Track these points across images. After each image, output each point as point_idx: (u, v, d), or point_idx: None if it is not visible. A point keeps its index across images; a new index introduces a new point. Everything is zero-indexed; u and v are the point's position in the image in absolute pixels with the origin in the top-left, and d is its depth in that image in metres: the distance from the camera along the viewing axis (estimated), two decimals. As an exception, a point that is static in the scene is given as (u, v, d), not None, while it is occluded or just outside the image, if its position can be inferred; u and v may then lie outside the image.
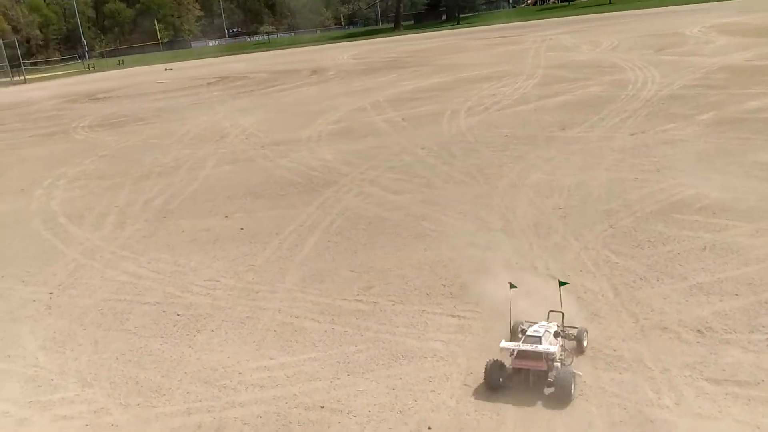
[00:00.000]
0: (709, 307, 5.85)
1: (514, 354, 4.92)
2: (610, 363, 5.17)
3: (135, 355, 6.12)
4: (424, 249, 7.85)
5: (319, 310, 6.60)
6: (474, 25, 76.54)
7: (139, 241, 9.33)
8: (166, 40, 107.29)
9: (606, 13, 65.77)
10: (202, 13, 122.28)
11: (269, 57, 48.89)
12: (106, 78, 47.78)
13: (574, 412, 4.65)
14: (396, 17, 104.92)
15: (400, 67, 29.00)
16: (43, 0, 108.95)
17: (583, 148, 11.60)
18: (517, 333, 5.28)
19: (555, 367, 4.86)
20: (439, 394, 5.04)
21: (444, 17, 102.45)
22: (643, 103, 14.86)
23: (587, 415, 4.60)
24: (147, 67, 55.63)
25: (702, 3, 56.80)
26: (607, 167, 10.29)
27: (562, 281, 5.19)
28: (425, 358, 5.53)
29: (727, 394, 4.68)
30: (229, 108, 22.15)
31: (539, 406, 4.74)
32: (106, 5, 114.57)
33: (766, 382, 4.76)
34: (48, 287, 7.98)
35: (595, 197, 8.96)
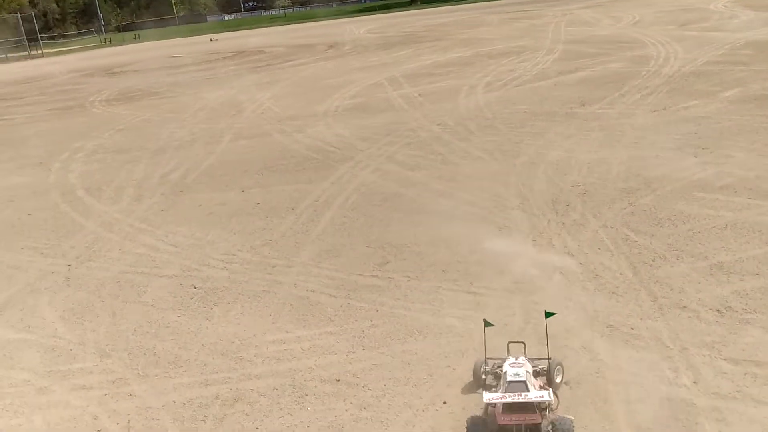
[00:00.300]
0: (730, 286, 5.77)
1: (499, 407, 4.04)
2: (628, 341, 5.13)
3: (152, 327, 6.18)
4: (441, 225, 7.81)
5: (334, 284, 6.61)
6: None
7: (157, 214, 9.38)
8: (181, 14, 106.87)
9: (628, -12, 64.29)
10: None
11: (285, 31, 48.56)
12: (122, 52, 47.81)
13: (590, 389, 4.62)
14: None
15: (418, 42, 28.67)
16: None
17: (603, 124, 11.43)
18: (481, 374, 4.53)
19: (546, 416, 4.06)
20: (454, 369, 5.04)
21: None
22: (665, 79, 14.57)
23: (603, 393, 4.57)
24: (163, 41, 55.54)
25: (727, -23, 55.27)
26: (627, 144, 10.14)
27: (548, 312, 4.56)
28: (441, 334, 5.53)
29: (746, 374, 4.63)
30: (246, 82, 22.07)
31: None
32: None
33: (786, 362, 4.70)
34: (66, 259, 8.06)
35: (615, 175, 8.83)
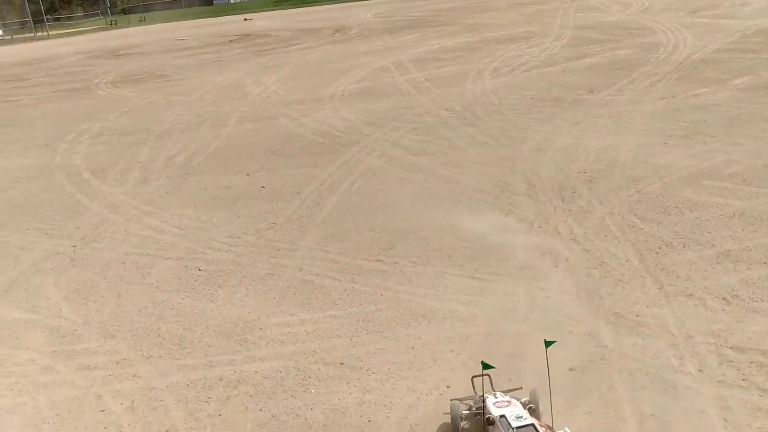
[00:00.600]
0: (737, 275, 5.73)
1: None
2: (633, 328, 5.10)
3: (157, 309, 6.19)
4: (446, 211, 7.78)
5: (339, 268, 6.60)
6: (501, -15, 74.54)
7: (162, 196, 9.37)
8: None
9: (638, -26, 63.67)
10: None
11: (292, 14, 48.28)
12: (128, 34, 47.66)
13: (595, 376, 4.61)
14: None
15: (425, 26, 28.47)
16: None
17: (611, 111, 11.34)
18: (461, 420, 4.07)
19: None
20: (458, 354, 5.03)
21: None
22: (675, 66, 14.43)
23: (608, 380, 4.56)
24: (168, 24, 55.33)
25: (739, -36, 54.63)
26: (636, 131, 10.05)
27: (548, 341, 4.07)
28: (445, 318, 5.51)
29: (751, 363, 4.60)
30: (251, 66, 21.98)
31: (562, 367, 4.70)
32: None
33: (793, 351, 4.67)
34: (72, 240, 8.07)
35: (622, 162, 8.77)
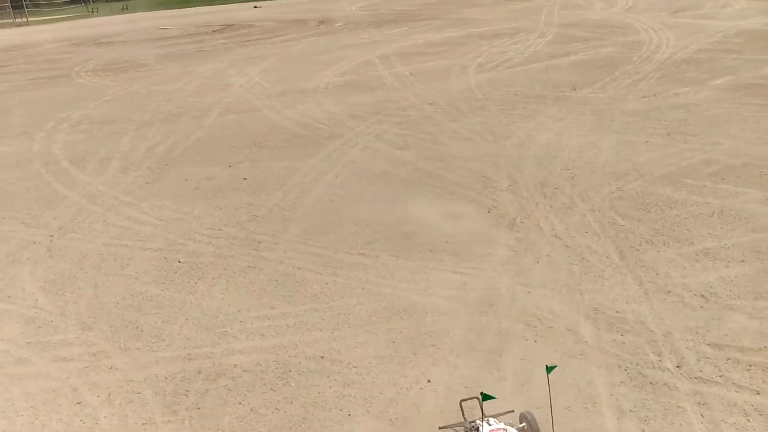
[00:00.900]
0: (715, 272, 5.80)
1: None
2: (613, 324, 5.14)
3: (135, 300, 6.12)
4: (429, 206, 7.77)
5: (321, 262, 6.57)
6: (486, -19, 74.63)
7: (142, 187, 9.26)
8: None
9: (622, -27, 64.08)
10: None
11: (276, 5, 47.95)
12: (110, 22, 46.95)
13: (574, 371, 4.64)
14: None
15: (411, 20, 28.40)
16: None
17: (593, 109, 11.40)
18: None
19: None
20: (439, 348, 5.03)
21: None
22: (657, 65, 14.55)
23: (587, 375, 4.59)
24: (151, 12, 54.65)
25: (722, -35, 55.20)
26: (618, 129, 10.12)
27: (549, 366, 3.77)
28: (426, 313, 5.51)
29: (728, 359, 4.66)
30: (235, 57, 21.78)
31: (541, 363, 4.72)
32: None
33: (768, 348, 4.74)
34: (49, 230, 7.94)
35: (604, 159, 8.82)
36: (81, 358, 5.26)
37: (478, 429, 3.71)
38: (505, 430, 3.70)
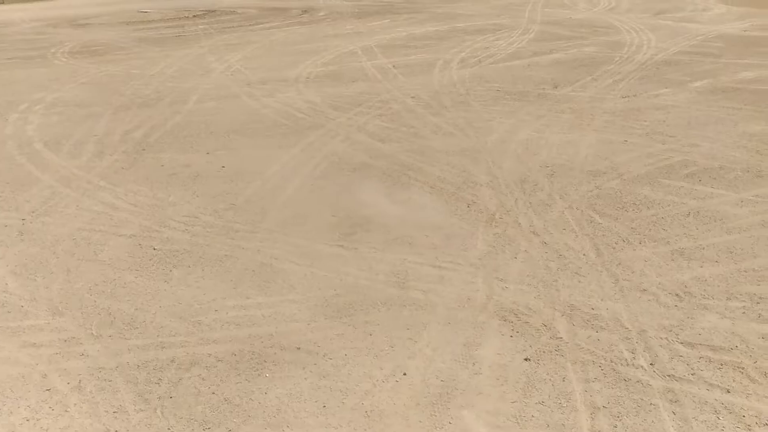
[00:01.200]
0: (689, 272, 5.87)
1: None
2: (588, 321, 5.18)
3: (108, 287, 6.01)
4: (409, 199, 7.76)
5: (299, 252, 6.52)
6: (471, -24, 74.69)
7: (117, 172, 9.10)
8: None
9: (605, -27, 64.54)
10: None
11: (259, -6, 47.36)
12: (88, 4, 46.01)
13: (549, 367, 4.66)
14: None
15: (394, 13, 28.28)
16: None
17: (574, 107, 11.47)
18: None
19: None
20: (415, 342, 5.03)
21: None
22: (638, 66, 14.68)
23: (562, 371, 4.62)
24: (132, -5, 53.60)
25: (702, -30, 55.83)
26: (597, 128, 10.20)
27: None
28: (404, 306, 5.50)
29: (700, 358, 4.72)
30: (216, 43, 21.49)
31: (516, 357, 4.75)
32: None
33: (739, 348, 4.82)
34: (21, 213, 7.77)
35: (583, 157, 8.89)
36: (51, 344, 5.15)
37: None
38: None
